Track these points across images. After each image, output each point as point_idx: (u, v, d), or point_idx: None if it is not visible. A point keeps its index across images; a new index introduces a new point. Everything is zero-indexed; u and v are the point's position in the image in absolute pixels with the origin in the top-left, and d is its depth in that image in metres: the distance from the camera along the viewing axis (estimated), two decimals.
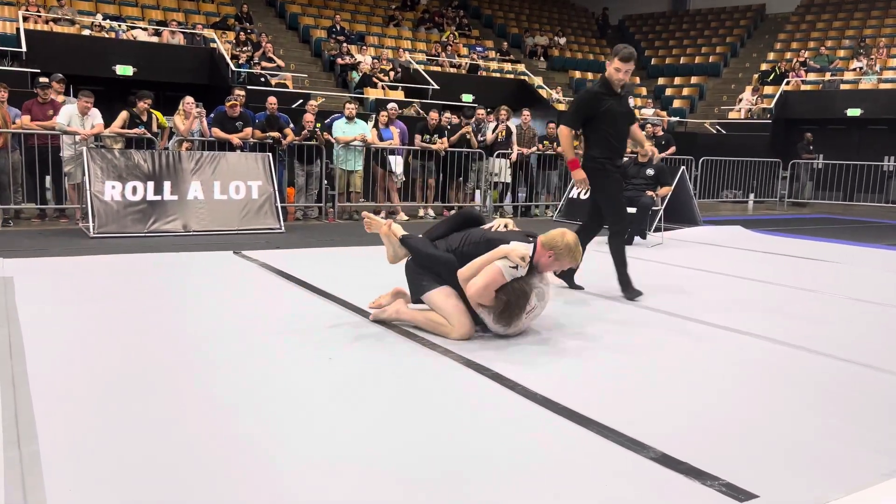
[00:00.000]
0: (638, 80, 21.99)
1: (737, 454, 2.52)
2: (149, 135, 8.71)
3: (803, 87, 19.02)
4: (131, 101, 8.79)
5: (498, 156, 11.11)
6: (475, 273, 3.82)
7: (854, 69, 18.92)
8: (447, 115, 11.31)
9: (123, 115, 8.67)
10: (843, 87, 18.34)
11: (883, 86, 17.74)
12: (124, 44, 14.56)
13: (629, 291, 5.12)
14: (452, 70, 18.34)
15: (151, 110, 8.96)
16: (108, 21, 15.06)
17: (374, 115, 11.28)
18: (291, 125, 9.78)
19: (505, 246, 3.85)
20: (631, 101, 5.60)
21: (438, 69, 17.82)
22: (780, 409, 3.00)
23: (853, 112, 17.08)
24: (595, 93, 5.08)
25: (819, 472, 2.38)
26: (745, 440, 2.66)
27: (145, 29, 15.30)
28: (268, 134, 9.42)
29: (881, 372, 3.57)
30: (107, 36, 14.63)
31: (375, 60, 16.78)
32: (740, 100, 19.39)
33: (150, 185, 7.84)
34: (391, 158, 10.33)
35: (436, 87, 16.03)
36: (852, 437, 2.72)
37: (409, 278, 4.17)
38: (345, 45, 17.38)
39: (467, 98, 16.51)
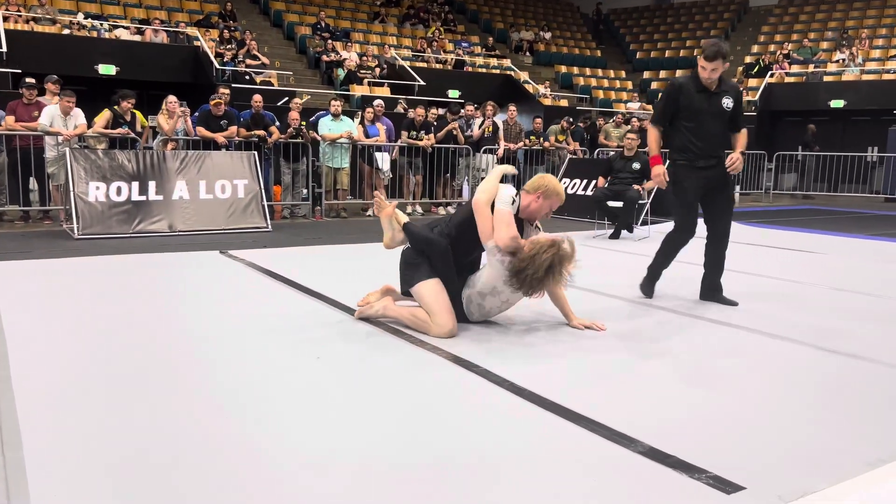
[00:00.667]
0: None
1: (724, 447, 2.53)
2: (132, 135, 8.64)
3: (787, 79, 19.14)
4: (114, 101, 8.72)
5: (485, 151, 11.11)
6: (488, 228, 3.89)
7: (837, 61, 19.05)
8: (434, 110, 11.29)
9: (106, 114, 8.60)
10: (827, 78, 18.48)
11: (865, 77, 17.88)
12: (106, 43, 14.43)
13: (646, 287, 5.05)
14: (438, 66, 18.31)
15: (134, 110, 8.89)
16: (89, 20, 14.92)
17: (360, 112, 11.25)
18: (277, 123, 9.74)
19: (487, 179, 4.05)
20: (727, 101, 4.66)
21: (424, 65, 17.79)
22: (767, 401, 3.02)
23: (836, 103, 17.22)
24: (679, 85, 4.75)
25: (805, 463, 2.40)
26: (732, 433, 2.67)
27: (128, 27, 15.16)
28: (253, 132, 9.37)
29: (865, 361, 3.60)
30: (88, 35, 14.49)
31: (361, 57, 16.72)
32: None
33: (135, 185, 7.78)
34: (378, 155, 10.31)
35: (422, 83, 16.00)
36: (837, 427, 2.74)
37: (401, 269, 4.13)
38: (330, 41, 17.31)
39: (454, 94, 16.50)
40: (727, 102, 4.64)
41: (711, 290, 4.96)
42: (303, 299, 4.78)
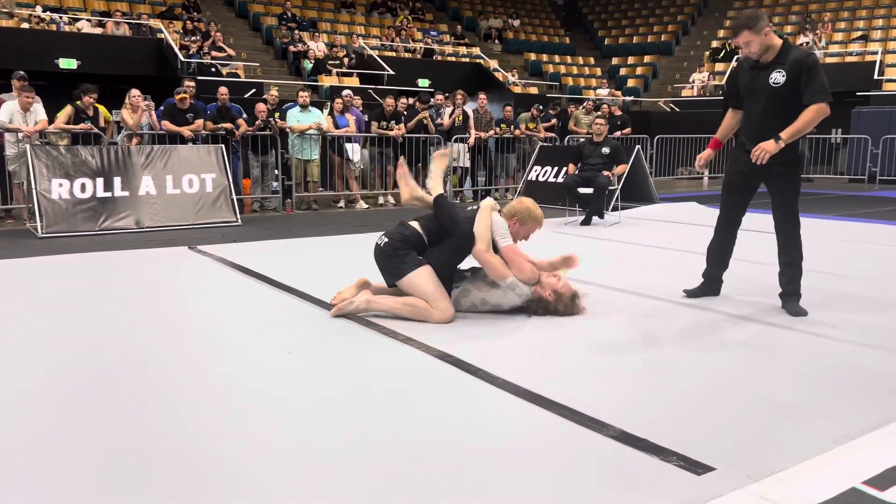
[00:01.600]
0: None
1: (694, 429, 2.56)
2: (96, 130, 8.46)
3: None
4: (76, 96, 8.52)
5: (456, 140, 11.08)
6: (503, 271, 4.00)
7: (801, 44, 19.30)
8: (403, 100, 11.23)
9: (68, 110, 8.40)
10: None
11: (829, 60, 18.15)
12: (67, 36, 14.09)
13: (695, 291, 4.71)
14: (407, 55, 18.20)
15: (97, 105, 8.70)
16: (48, 13, 14.56)
17: (328, 103, 11.14)
18: (244, 115, 9.61)
19: (479, 222, 4.06)
20: (776, 76, 4.01)
21: (393, 55, 17.67)
22: (735, 382, 3.06)
23: None
24: (739, 62, 4.41)
25: (772, 442, 2.44)
26: (701, 414, 2.71)
27: (88, 20, 14.83)
28: (220, 125, 9.24)
29: (830, 340, 3.67)
30: (48, 28, 14.14)
31: (329, 47, 16.56)
32: (692, 80, 19.66)
33: (100, 181, 7.63)
34: (348, 146, 10.23)
35: (391, 72, 15.89)
36: (803, 406, 2.79)
37: (384, 261, 4.06)
38: (297, 32, 17.10)
39: (423, 83, 16.41)
40: (776, 77, 4.10)
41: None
42: (274, 293, 4.73)
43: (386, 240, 4.09)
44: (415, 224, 4.12)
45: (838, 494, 2.03)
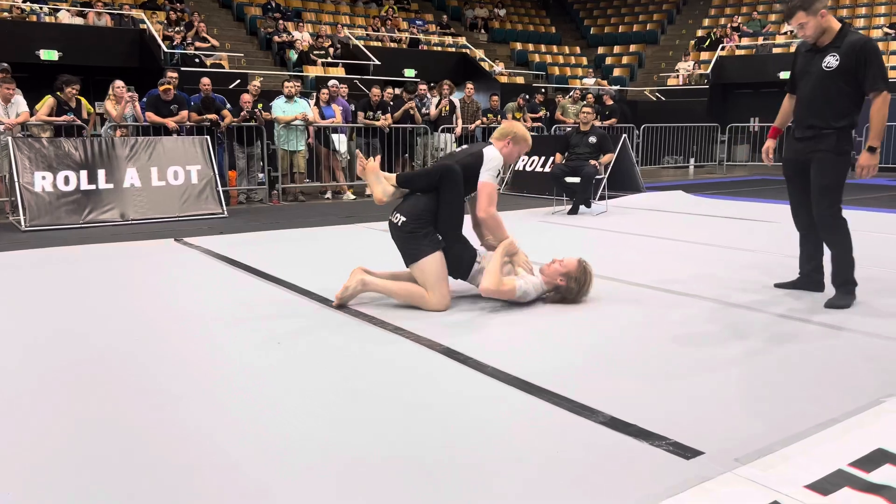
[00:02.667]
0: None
1: (683, 413, 2.58)
2: (79, 122, 8.37)
3: (738, 52, 19.43)
4: (57, 88, 8.42)
5: (443, 130, 11.05)
6: (496, 278, 3.98)
7: (785, 33, 19.39)
8: (389, 90, 11.18)
9: (50, 101, 8.30)
10: (776, 50, 18.80)
11: None
12: (47, 27, 13.90)
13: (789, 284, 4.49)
14: (393, 45, 18.11)
15: (79, 97, 8.61)
16: (28, 4, 14.35)
17: (314, 94, 11.07)
18: (229, 106, 9.54)
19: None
20: (830, 59, 3.89)
21: (379, 44, 17.58)
22: (723, 367, 3.09)
23: (785, 75, 17.49)
24: (798, 47, 4.26)
25: (761, 426, 2.46)
26: (690, 399, 2.73)
27: (69, 10, 14.63)
28: (204, 116, 9.16)
29: (814, 325, 3.71)
30: (28, 19, 13.94)
31: (315, 38, 16.44)
32: (678, 69, 19.70)
33: (84, 174, 7.56)
34: (334, 137, 10.18)
35: (377, 62, 15.82)
36: (790, 389, 2.82)
37: (403, 241, 4.01)
38: (281, 22, 16.96)
39: (409, 73, 16.34)
40: (829, 60, 3.92)
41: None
42: (261, 285, 4.71)
43: (403, 218, 4.01)
44: (423, 197, 4.07)
45: (825, 476, 2.06)
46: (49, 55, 13.25)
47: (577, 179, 8.24)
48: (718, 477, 2.07)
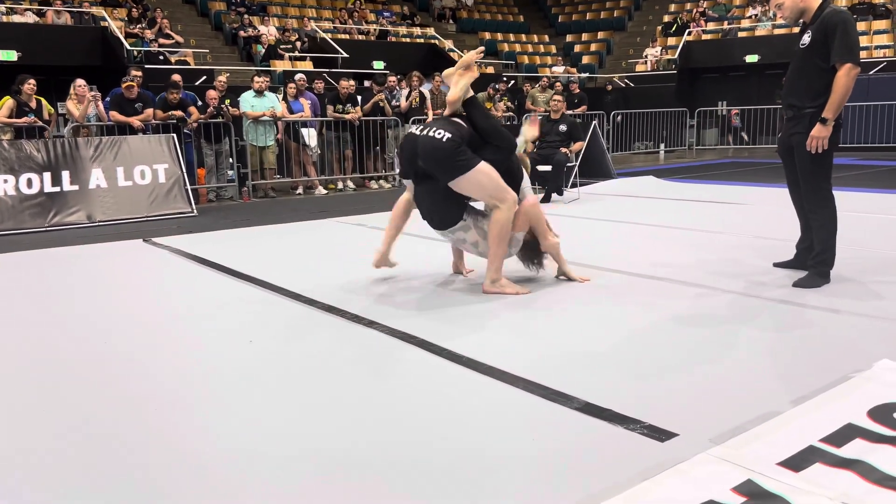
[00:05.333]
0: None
1: (657, 396, 2.59)
2: (40, 123, 8.18)
3: (704, 37, 19.59)
4: (15, 89, 8.21)
5: (414, 122, 10.99)
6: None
7: (750, 17, 19.59)
8: (353, 82, 11.07)
9: (9, 102, 8.10)
10: (741, 34, 18.99)
11: (777, 31, 18.43)
12: (4, 27, 13.54)
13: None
14: (361, 37, 17.97)
15: (39, 97, 8.41)
16: None
17: (282, 88, 10.94)
18: (199, 103, 9.39)
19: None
20: (806, 37, 3.91)
21: (346, 37, 17.42)
22: (695, 349, 3.11)
23: (751, 58, 17.72)
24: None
25: (733, 406, 2.48)
26: (663, 382, 2.74)
27: (28, 10, 14.27)
28: (170, 114, 9.01)
29: (787, 304, 3.75)
30: None
31: (281, 31, 16.24)
32: (646, 55, 19.82)
33: (47, 176, 7.40)
34: (304, 131, 10.07)
35: (345, 55, 15.67)
36: (762, 369, 2.85)
37: (442, 155, 3.86)
38: (246, 16, 16.74)
39: (378, 65, 16.22)
40: (805, 38, 3.91)
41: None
42: (232, 283, 4.65)
43: (447, 134, 3.86)
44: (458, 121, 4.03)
45: (797, 452, 2.08)
46: (8, 56, 12.92)
47: (548, 168, 8.26)
48: (693, 458, 2.08)
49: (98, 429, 2.46)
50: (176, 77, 9.30)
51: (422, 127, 4.03)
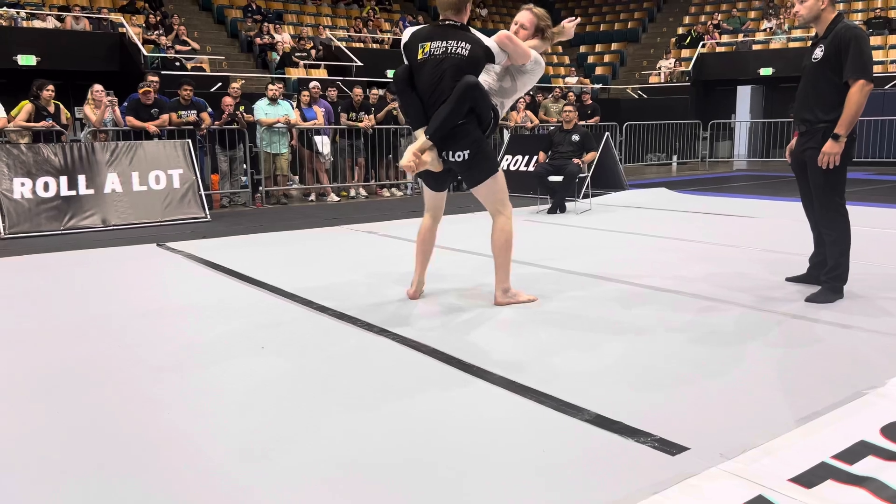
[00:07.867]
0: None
1: (667, 409, 2.59)
2: (58, 127, 8.28)
3: (718, 49, 19.57)
4: (34, 94, 8.31)
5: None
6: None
7: (765, 29, 19.55)
8: (373, 91, 11.13)
9: (27, 107, 8.20)
10: (755, 47, 18.95)
11: (792, 44, 18.39)
12: (25, 32, 13.73)
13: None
14: (375, 46, 18.07)
15: (57, 102, 8.51)
16: (5, 9, 14.17)
17: (297, 96, 11.01)
18: (210, 110, 9.46)
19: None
20: (818, 51, 3.92)
21: (361, 45, 17.53)
22: (707, 362, 3.10)
23: (766, 71, 17.68)
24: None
25: (745, 421, 2.47)
26: (675, 395, 2.74)
27: (48, 15, 14.45)
28: (185, 119, 9.09)
29: (799, 319, 3.73)
30: (4, 24, 13.77)
31: (297, 40, 16.37)
32: (659, 67, 19.81)
33: (63, 179, 7.47)
34: (317, 139, 10.13)
35: (359, 63, 15.76)
36: (773, 384, 2.84)
37: (469, 167, 3.90)
38: (262, 24, 16.88)
39: (392, 73, 16.30)
40: (817, 52, 3.92)
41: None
42: (245, 289, 4.68)
43: (466, 153, 3.85)
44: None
45: (809, 469, 2.07)
46: (27, 60, 13.09)
47: (559, 178, 8.26)
48: (703, 472, 2.08)
49: (109, 431, 2.48)
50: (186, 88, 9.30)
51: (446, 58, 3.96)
